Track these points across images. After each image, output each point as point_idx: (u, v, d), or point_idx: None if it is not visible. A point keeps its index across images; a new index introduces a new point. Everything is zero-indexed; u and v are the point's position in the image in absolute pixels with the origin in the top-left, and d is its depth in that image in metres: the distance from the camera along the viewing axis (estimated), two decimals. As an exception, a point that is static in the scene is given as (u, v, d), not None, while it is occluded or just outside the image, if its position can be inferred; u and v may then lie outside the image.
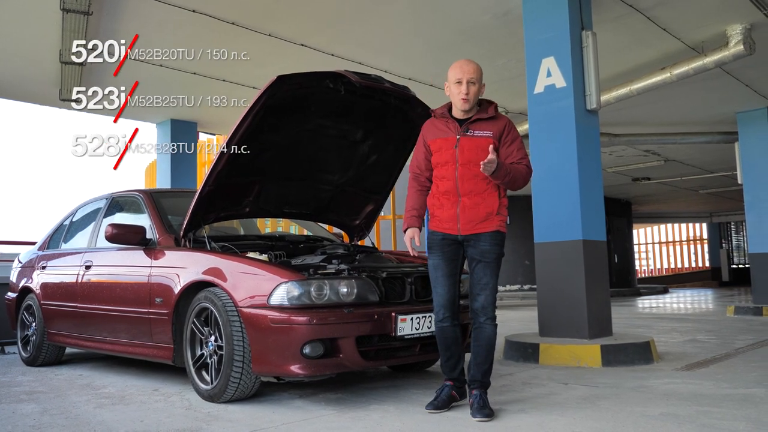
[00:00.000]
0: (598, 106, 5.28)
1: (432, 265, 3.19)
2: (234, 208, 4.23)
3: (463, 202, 3.10)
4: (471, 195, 3.09)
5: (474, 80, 3.09)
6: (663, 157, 13.27)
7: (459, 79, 3.10)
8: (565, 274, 5.06)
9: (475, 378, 3.14)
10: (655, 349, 4.81)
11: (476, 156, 3.05)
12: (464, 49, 7.04)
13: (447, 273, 3.16)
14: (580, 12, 5.30)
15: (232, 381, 3.34)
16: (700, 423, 2.84)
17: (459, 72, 3.11)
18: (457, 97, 3.12)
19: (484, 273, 3.11)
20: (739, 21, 6.50)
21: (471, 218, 3.09)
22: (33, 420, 3.21)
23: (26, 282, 5.45)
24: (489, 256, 3.10)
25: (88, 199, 5.47)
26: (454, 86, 3.13)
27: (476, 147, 3.07)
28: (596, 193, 5.25)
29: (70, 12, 5.67)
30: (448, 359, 3.23)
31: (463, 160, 3.08)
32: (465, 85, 3.09)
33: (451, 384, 3.24)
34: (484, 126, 3.12)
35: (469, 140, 3.09)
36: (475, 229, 3.10)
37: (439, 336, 3.22)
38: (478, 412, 3.00)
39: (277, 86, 3.50)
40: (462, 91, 3.09)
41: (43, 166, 51.48)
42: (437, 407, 3.15)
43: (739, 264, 27.01)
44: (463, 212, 3.09)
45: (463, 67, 3.12)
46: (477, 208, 3.09)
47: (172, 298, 3.76)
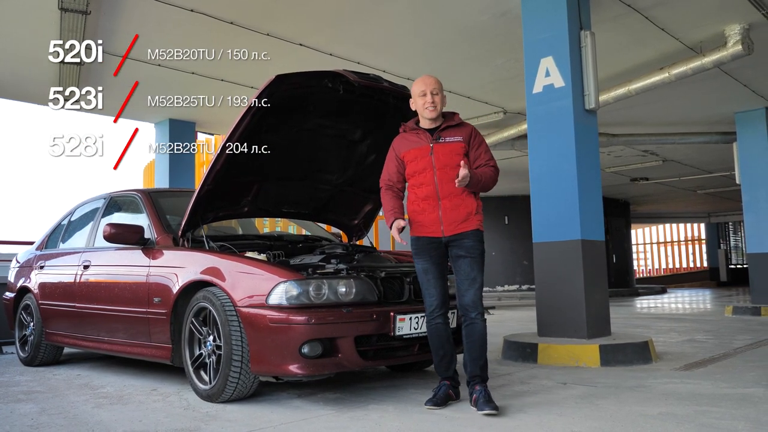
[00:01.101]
0: (597, 106, 5.28)
1: (421, 269, 3.32)
2: (232, 208, 4.23)
3: (444, 205, 3.28)
4: (451, 197, 3.28)
5: (436, 91, 3.33)
6: (661, 157, 13.29)
7: (423, 91, 3.33)
8: (563, 274, 5.06)
9: (474, 374, 3.22)
10: (654, 349, 4.82)
11: (450, 160, 3.27)
12: (463, 48, 7.05)
13: (437, 275, 3.31)
14: (579, 12, 5.29)
15: (231, 381, 3.34)
16: (699, 423, 2.84)
17: (422, 85, 3.35)
18: (423, 108, 3.34)
19: (471, 268, 3.25)
20: (738, 21, 6.51)
21: (453, 219, 3.27)
22: (31, 420, 3.20)
23: (24, 282, 5.44)
24: (474, 252, 3.26)
25: (86, 199, 5.46)
26: (419, 99, 3.35)
27: (450, 152, 3.29)
28: (595, 193, 5.26)
29: (68, 11, 5.66)
30: (442, 358, 3.33)
31: (439, 165, 3.28)
32: (429, 96, 3.32)
33: (448, 383, 3.32)
34: (453, 132, 3.35)
35: (441, 146, 3.31)
36: (457, 229, 3.27)
37: (432, 334, 3.31)
38: (486, 405, 3.07)
39: (275, 86, 3.49)
40: (428, 101, 3.32)
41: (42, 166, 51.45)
42: (437, 403, 3.23)
43: (737, 264, 27.06)
44: (445, 214, 3.27)
45: (426, 80, 3.37)
46: (458, 209, 3.28)
47: (171, 297, 3.76)
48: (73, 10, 5.63)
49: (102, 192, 5.28)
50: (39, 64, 7.17)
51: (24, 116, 63.41)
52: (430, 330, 3.32)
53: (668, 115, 10.21)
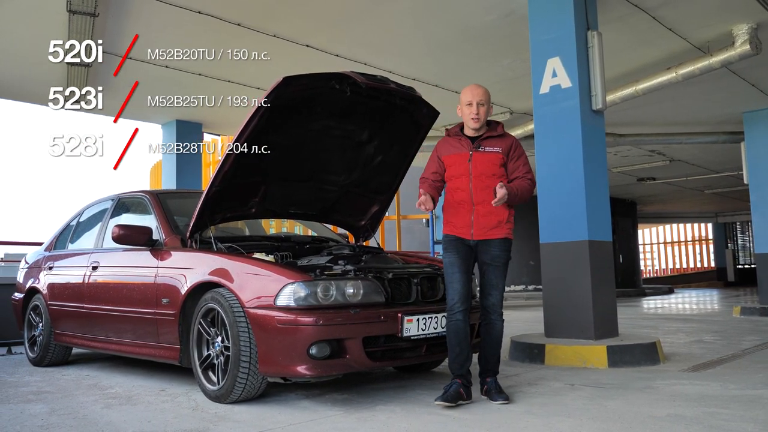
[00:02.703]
0: (604, 107, 5.27)
1: (448, 263, 3.43)
2: (240, 209, 4.23)
3: (477, 211, 3.40)
4: (484, 204, 3.39)
5: (483, 102, 3.44)
6: (668, 157, 13.25)
7: (470, 101, 3.44)
8: (570, 275, 5.05)
9: (487, 368, 3.44)
10: (662, 350, 4.80)
11: (487, 169, 3.41)
12: (468, 49, 7.05)
13: (462, 269, 3.40)
14: (586, 12, 5.28)
15: (239, 381, 3.35)
16: (708, 424, 2.83)
17: (470, 95, 3.45)
18: (468, 117, 3.46)
19: (495, 275, 3.42)
20: (745, 20, 6.49)
21: (484, 225, 3.40)
22: (41, 420, 3.22)
23: (33, 282, 5.47)
24: (499, 261, 3.42)
25: (94, 200, 5.48)
26: (465, 108, 3.46)
27: (487, 161, 3.42)
28: (602, 193, 5.24)
29: (76, 13, 5.69)
30: (458, 355, 3.38)
31: (476, 173, 3.41)
32: (475, 107, 3.43)
33: (459, 382, 3.34)
34: (494, 143, 3.46)
35: (480, 155, 3.43)
36: (486, 235, 3.40)
37: (452, 331, 3.38)
38: (498, 396, 3.32)
39: (282, 87, 3.50)
40: (473, 112, 3.43)
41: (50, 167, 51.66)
42: (447, 399, 3.26)
43: (744, 264, 26.95)
44: (477, 220, 3.40)
45: (473, 90, 3.47)
46: (489, 216, 3.40)
47: (179, 298, 3.77)
48: (81, 12, 5.65)
49: (109, 193, 5.30)
50: (49, 67, 7.19)
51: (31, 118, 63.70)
52: (449, 326, 3.39)
53: (675, 114, 10.17)
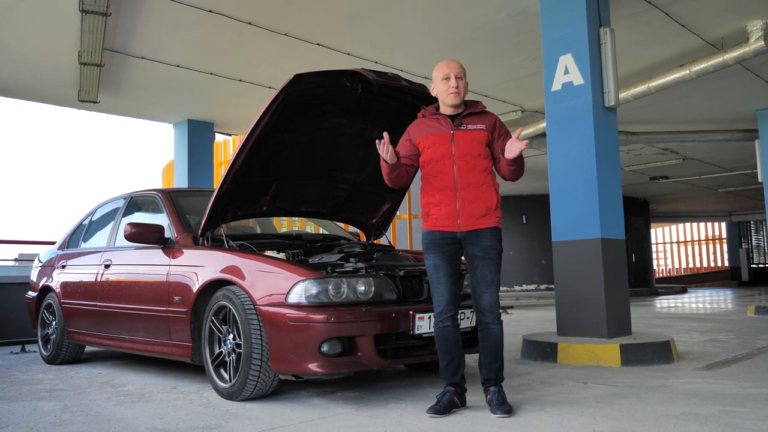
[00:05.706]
0: (617, 104, 5.23)
1: (432, 265, 3.15)
2: (251, 207, 4.25)
3: (462, 196, 3.09)
4: (470, 188, 3.09)
5: (461, 75, 3.16)
6: (681, 155, 13.14)
7: (446, 74, 3.15)
8: (583, 273, 5.02)
9: (488, 378, 3.14)
10: (675, 349, 4.76)
11: (472, 149, 3.11)
12: (479, 47, 7.02)
13: (448, 273, 3.13)
14: (598, 8, 5.25)
15: (251, 379, 3.35)
16: (723, 423, 2.80)
17: (446, 68, 3.17)
18: (445, 93, 3.16)
19: (488, 270, 3.10)
20: (760, 17, 6.42)
21: (471, 213, 3.09)
22: (54, 417, 3.24)
23: (46, 281, 5.51)
24: (492, 252, 3.10)
25: (106, 199, 5.52)
26: (441, 83, 3.17)
27: (471, 140, 3.12)
28: (615, 191, 5.21)
29: (89, 13, 5.72)
30: (449, 363, 3.15)
31: (459, 154, 3.11)
32: (453, 80, 3.14)
33: (453, 390, 3.14)
34: (475, 120, 3.17)
35: (463, 134, 3.13)
36: (475, 224, 3.09)
37: (440, 338, 3.14)
38: (498, 408, 3.00)
39: (294, 85, 3.49)
40: (451, 86, 3.14)
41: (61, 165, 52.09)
42: (438, 411, 3.04)
43: (759, 264, 26.69)
44: (463, 207, 3.09)
45: (449, 63, 3.18)
46: (477, 202, 3.09)
47: (191, 296, 3.79)
48: (93, 11, 5.68)
49: (122, 192, 5.33)
50: (60, 66, 7.26)
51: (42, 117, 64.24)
52: (437, 332, 3.13)
53: (689, 112, 10.08)
